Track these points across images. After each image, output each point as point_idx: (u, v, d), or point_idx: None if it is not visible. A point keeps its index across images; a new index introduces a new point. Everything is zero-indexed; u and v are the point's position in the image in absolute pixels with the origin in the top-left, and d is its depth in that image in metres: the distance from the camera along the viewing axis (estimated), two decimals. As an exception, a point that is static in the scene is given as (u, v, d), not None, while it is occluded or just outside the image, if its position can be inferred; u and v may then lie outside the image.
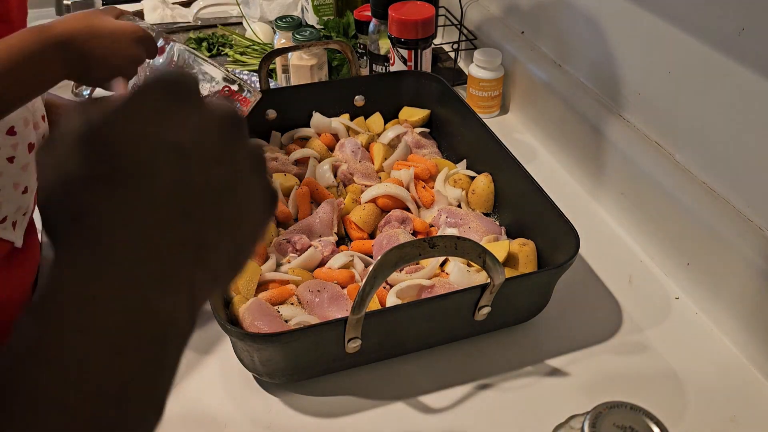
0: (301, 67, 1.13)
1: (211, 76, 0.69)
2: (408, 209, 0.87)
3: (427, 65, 1.10)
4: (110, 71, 0.62)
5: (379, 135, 1.01)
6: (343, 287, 0.75)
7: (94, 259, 0.26)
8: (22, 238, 0.73)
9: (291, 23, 1.17)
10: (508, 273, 0.75)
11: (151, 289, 0.27)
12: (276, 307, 0.72)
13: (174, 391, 0.72)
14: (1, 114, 0.58)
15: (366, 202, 0.87)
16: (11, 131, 0.67)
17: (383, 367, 0.71)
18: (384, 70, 1.16)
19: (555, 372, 0.71)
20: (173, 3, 1.52)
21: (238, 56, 1.28)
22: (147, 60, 0.66)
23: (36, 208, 0.62)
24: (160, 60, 0.67)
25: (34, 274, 0.78)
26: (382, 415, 0.67)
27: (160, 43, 0.66)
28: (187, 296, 0.28)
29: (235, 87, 0.67)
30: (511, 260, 0.78)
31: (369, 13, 1.16)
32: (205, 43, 1.34)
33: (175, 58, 0.64)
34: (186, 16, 1.48)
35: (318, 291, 0.73)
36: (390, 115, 1.04)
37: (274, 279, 0.75)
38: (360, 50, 1.24)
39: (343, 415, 0.67)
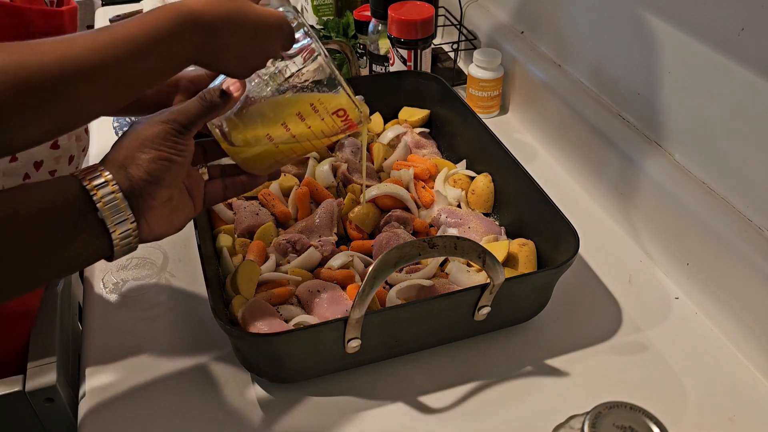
0: (301, 67, 1.13)
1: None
2: (408, 209, 0.87)
3: (426, 65, 1.10)
4: (244, 69, 0.57)
5: (379, 135, 1.01)
6: (343, 287, 0.75)
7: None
8: None
9: (291, 23, 1.16)
10: (508, 273, 0.75)
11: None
12: (276, 307, 0.72)
13: (173, 390, 0.73)
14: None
15: (366, 202, 0.87)
16: (55, 144, 0.64)
17: (383, 367, 0.71)
18: (384, 70, 1.16)
19: (555, 372, 0.71)
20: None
21: (237, 56, 1.28)
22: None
23: None
24: (291, 53, 0.60)
25: (35, 315, 0.76)
26: (382, 415, 0.67)
27: (299, 35, 0.59)
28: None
29: (350, 116, 0.63)
30: (511, 260, 0.78)
31: (369, 13, 1.16)
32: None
33: (309, 64, 0.59)
34: (186, 16, 1.48)
35: (318, 291, 0.73)
36: (390, 115, 1.04)
37: (274, 279, 0.75)
38: (360, 50, 1.24)
39: (343, 415, 0.67)
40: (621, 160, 0.88)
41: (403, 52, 1.07)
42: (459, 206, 0.89)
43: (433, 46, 1.11)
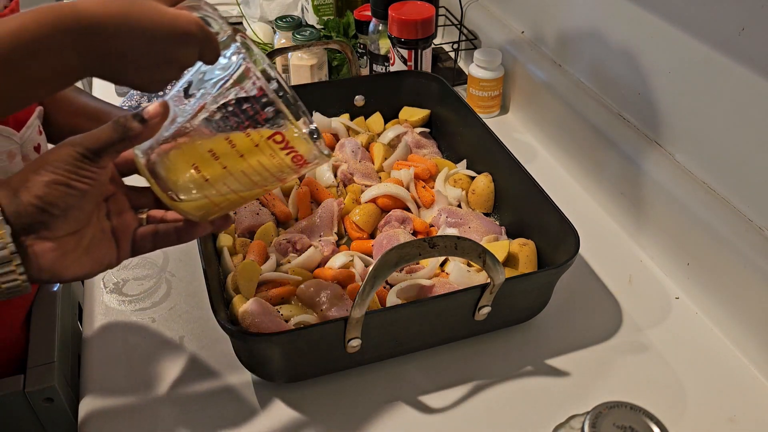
0: (301, 67, 1.13)
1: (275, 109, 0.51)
2: (408, 209, 0.87)
3: (427, 65, 1.10)
4: (149, 81, 0.50)
5: (379, 135, 1.01)
6: (343, 287, 0.75)
7: None
8: None
9: (291, 23, 1.17)
10: (508, 273, 0.75)
11: None
12: (276, 307, 0.72)
13: (173, 390, 0.73)
14: (4, 112, 0.47)
15: (366, 202, 0.87)
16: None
17: (383, 367, 0.71)
18: (384, 70, 1.16)
19: (555, 372, 0.71)
20: (173, 3, 1.51)
21: (238, 56, 1.28)
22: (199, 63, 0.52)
23: None
24: (216, 69, 0.51)
25: (26, 312, 0.75)
26: (382, 415, 0.67)
27: (231, 50, 0.51)
28: None
29: (293, 144, 0.52)
30: (511, 260, 0.78)
31: (369, 13, 1.16)
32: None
33: (237, 73, 0.49)
34: (186, 16, 1.48)
35: (318, 291, 0.73)
36: (390, 115, 1.04)
37: (274, 279, 0.75)
38: (360, 50, 1.24)
39: (343, 415, 0.67)
40: (621, 160, 0.88)
41: (404, 52, 1.07)
42: (459, 206, 0.89)
43: (433, 45, 1.11)
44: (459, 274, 0.75)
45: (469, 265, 0.77)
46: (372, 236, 0.85)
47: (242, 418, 0.67)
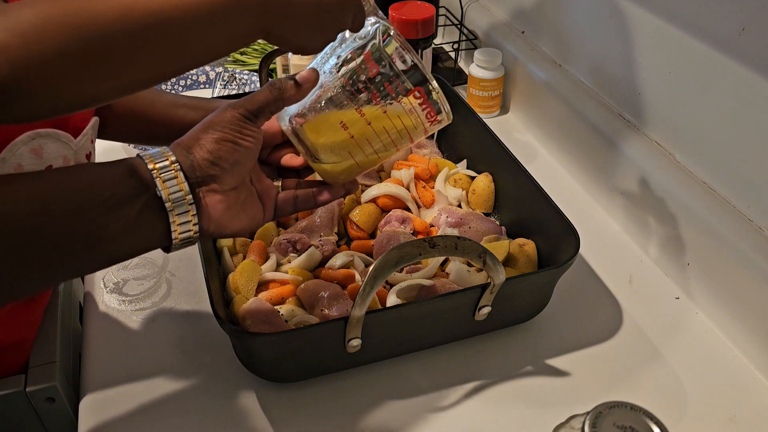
0: (302, 66, 1.13)
1: (402, 77, 0.56)
2: (408, 209, 0.87)
3: (427, 65, 1.10)
4: (313, 41, 0.55)
5: (379, 135, 1.01)
6: (343, 287, 0.75)
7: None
8: None
9: (291, 23, 1.16)
10: (508, 273, 0.75)
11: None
12: (276, 307, 0.72)
13: (173, 390, 0.73)
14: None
15: (366, 202, 0.87)
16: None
17: (383, 367, 0.71)
18: (384, 70, 1.16)
19: (555, 372, 0.71)
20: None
21: (238, 56, 1.28)
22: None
23: None
24: (355, 37, 0.57)
25: (43, 312, 0.75)
26: (382, 415, 0.67)
27: (372, 20, 0.58)
28: None
29: (430, 98, 0.57)
30: (511, 260, 0.78)
31: (369, 13, 1.16)
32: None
33: (375, 41, 0.55)
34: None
35: (318, 291, 0.73)
36: (390, 115, 1.04)
37: (274, 279, 0.75)
38: (360, 50, 1.24)
39: (343, 415, 0.67)
40: (621, 160, 0.88)
41: (404, 52, 1.07)
42: (459, 206, 0.89)
43: (433, 45, 1.11)
44: (459, 274, 0.75)
45: (469, 265, 0.77)
46: (372, 236, 0.85)
47: (242, 418, 0.67)
